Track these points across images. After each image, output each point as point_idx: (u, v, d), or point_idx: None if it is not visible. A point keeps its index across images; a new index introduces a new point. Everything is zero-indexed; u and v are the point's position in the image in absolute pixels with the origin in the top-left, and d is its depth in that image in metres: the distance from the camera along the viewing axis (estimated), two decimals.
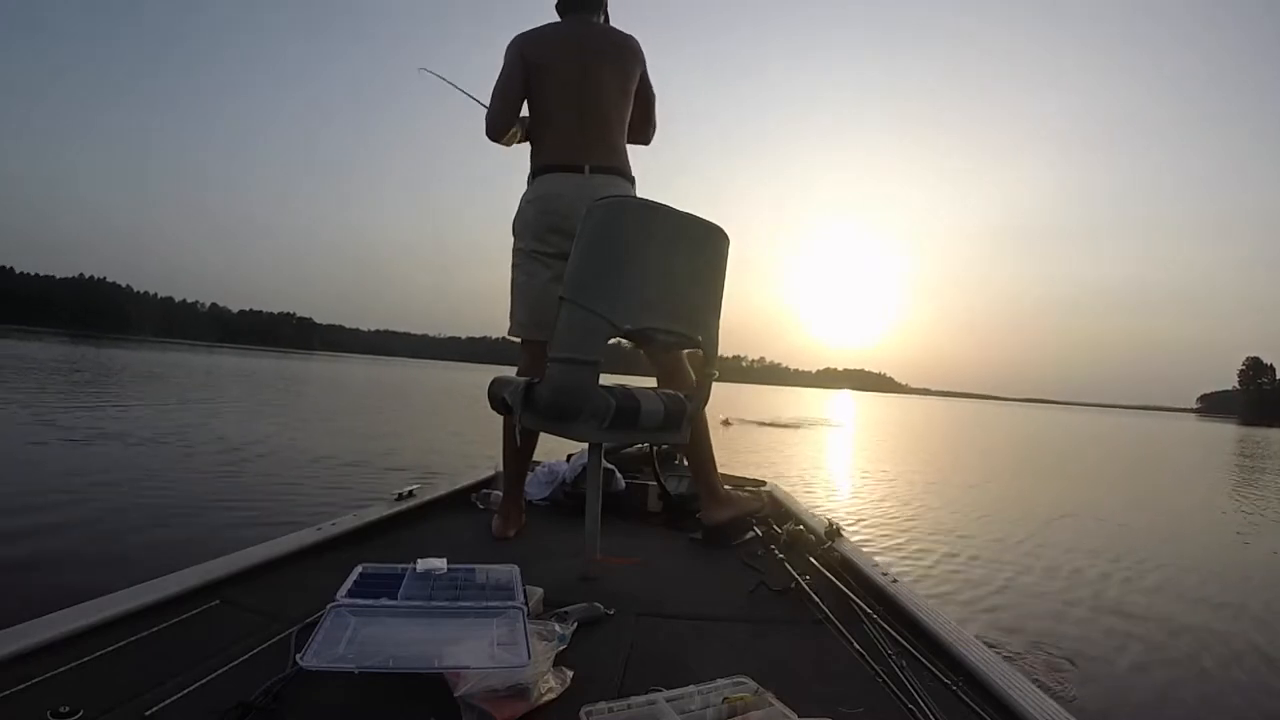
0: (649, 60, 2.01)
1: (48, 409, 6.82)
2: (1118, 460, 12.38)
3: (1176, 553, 4.12)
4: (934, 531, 4.15)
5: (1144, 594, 3.09)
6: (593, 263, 1.50)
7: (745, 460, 7.04)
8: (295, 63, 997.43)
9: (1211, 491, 8.10)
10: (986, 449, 12.85)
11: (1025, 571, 3.33)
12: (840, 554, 1.74)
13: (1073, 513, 5.34)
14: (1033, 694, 1.01)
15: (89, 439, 5.21)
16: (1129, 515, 5.53)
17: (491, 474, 2.59)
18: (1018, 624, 2.53)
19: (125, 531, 2.90)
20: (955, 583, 3.05)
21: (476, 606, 1.11)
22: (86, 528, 2.90)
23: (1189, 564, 3.82)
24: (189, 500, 3.56)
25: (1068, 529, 4.62)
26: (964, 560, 3.47)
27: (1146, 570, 3.53)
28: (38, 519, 2.94)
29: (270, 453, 5.34)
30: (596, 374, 1.50)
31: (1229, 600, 3.10)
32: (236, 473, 4.44)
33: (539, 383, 1.57)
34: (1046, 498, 6.31)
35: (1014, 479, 8.04)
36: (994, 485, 7.17)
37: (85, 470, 4.04)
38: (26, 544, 2.61)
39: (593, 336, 1.48)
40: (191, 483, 4.02)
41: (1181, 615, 2.80)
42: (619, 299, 1.50)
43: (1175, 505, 6.71)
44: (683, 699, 0.91)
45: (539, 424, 1.63)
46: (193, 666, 0.99)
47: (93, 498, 3.40)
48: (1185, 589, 3.25)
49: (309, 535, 1.61)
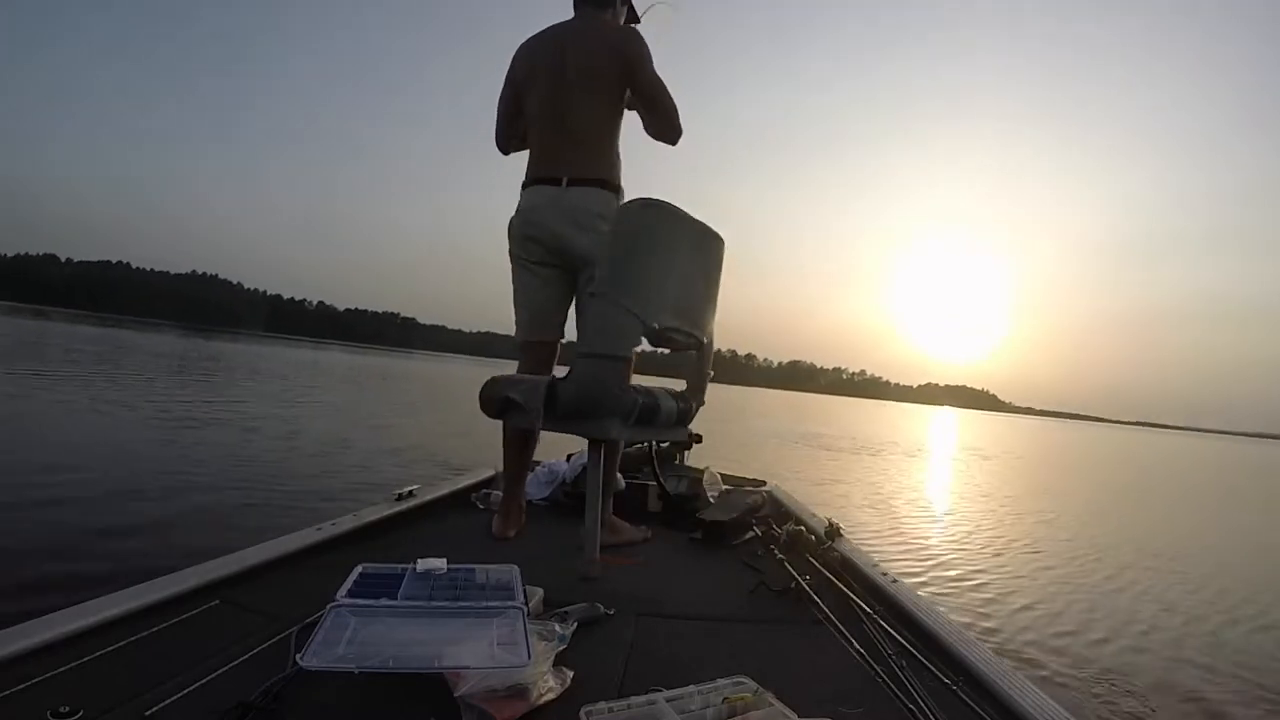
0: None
1: (161, 396, 7.68)
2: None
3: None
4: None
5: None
6: (627, 260, 1.50)
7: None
8: (445, 72, 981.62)
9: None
10: (1158, 488, 10.96)
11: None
12: (840, 554, 1.74)
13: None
14: (1033, 694, 1.01)
15: (202, 424, 5.92)
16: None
17: (491, 474, 2.59)
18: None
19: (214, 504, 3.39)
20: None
21: (476, 606, 1.11)
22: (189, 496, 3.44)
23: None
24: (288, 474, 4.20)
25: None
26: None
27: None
28: (156, 494, 3.40)
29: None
30: (629, 372, 1.51)
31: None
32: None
33: (563, 380, 1.56)
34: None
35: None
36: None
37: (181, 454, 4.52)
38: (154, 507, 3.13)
39: (625, 333, 1.49)
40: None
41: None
42: (650, 297, 1.51)
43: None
44: (683, 699, 0.91)
45: (558, 424, 1.58)
46: (193, 666, 0.99)
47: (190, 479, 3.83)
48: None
49: (309, 535, 1.61)
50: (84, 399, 6.54)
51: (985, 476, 9.42)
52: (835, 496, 5.77)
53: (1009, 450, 16.44)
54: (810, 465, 8.18)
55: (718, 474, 2.72)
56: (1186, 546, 5.28)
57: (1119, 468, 15.33)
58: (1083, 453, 20.59)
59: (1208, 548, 5.47)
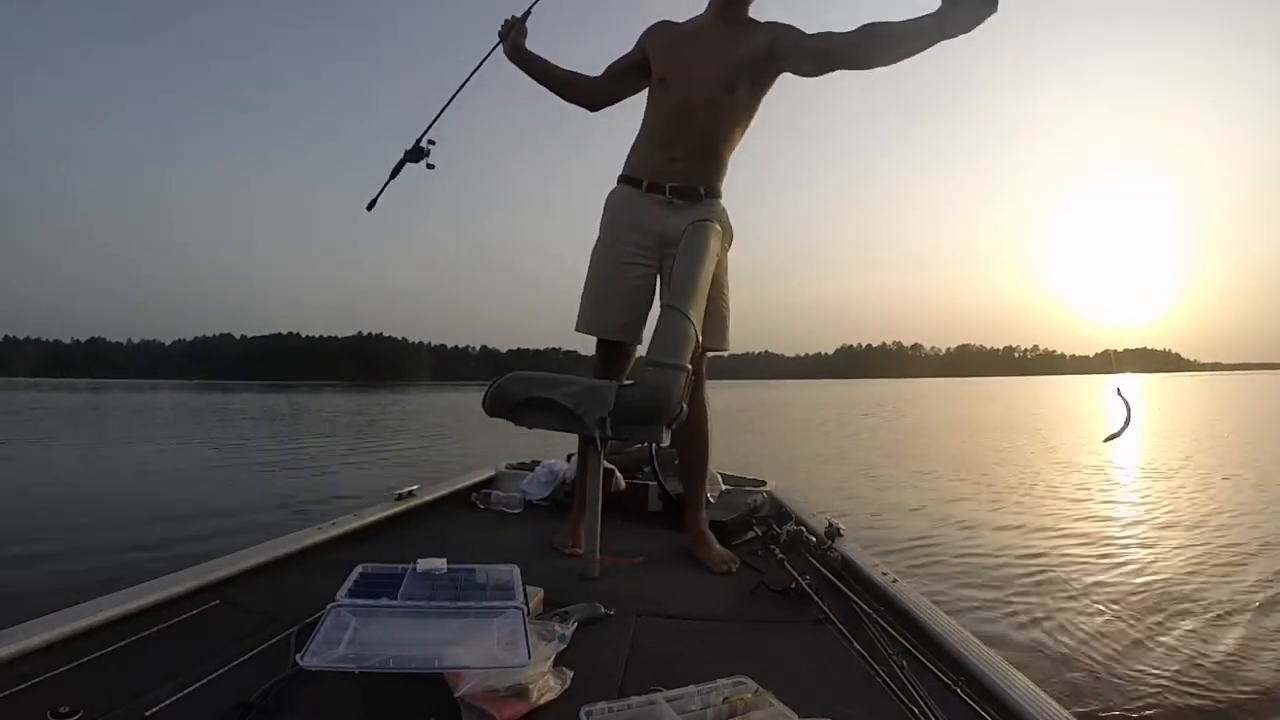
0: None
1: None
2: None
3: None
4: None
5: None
6: (694, 275, 1.61)
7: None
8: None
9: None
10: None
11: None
12: (840, 554, 1.74)
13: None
14: (1033, 694, 1.01)
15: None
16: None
17: (492, 474, 2.59)
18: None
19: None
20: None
21: (476, 606, 1.11)
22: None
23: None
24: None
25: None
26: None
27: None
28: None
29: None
30: (689, 382, 1.57)
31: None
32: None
33: (631, 387, 1.60)
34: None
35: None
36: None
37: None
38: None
39: (688, 344, 1.55)
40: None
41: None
42: (700, 310, 1.62)
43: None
44: (683, 699, 0.91)
45: (614, 429, 1.58)
46: (193, 667, 0.99)
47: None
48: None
49: (309, 535, 1.61)
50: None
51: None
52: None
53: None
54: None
55: (718, 474, 2.72)
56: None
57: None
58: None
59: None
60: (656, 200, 1.77)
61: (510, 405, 1.66)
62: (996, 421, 13.77)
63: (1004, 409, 17.90)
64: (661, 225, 1.76)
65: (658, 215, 1.77)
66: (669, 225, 1.75)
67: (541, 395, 1.61)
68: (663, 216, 1.76)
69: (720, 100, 1.73)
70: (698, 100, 1.73)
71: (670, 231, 1.75)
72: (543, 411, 1.62)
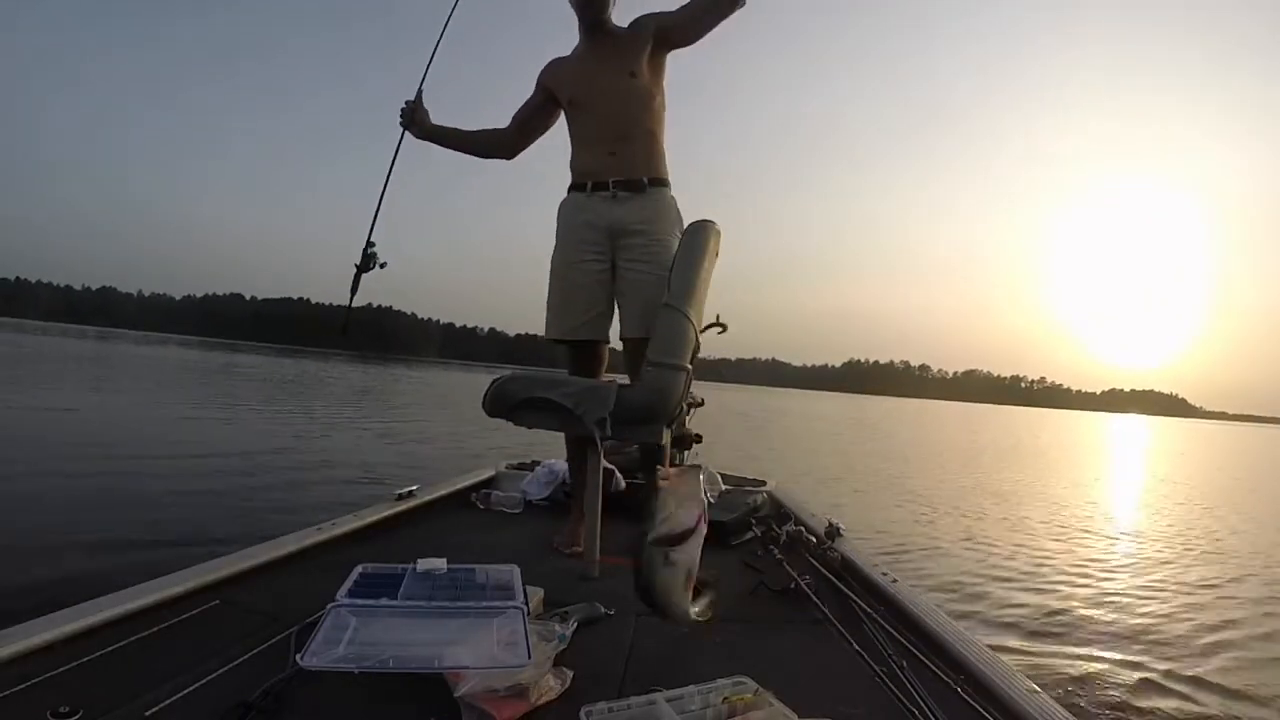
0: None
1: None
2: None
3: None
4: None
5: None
6: (693, 275, 1.60)
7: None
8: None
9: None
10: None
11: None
12: (840, 554, 1.74)
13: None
14: (1033, 694, 1.01)
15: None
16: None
17: (492, 474, 2.59)
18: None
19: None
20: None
21: (476, 606, 1.11)
22: None
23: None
24: None
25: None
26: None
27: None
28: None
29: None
30: (689, 381, 1.57)
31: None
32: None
33: (631, 387, 1.60)
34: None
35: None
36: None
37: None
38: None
39: (689, 344, 1.55)
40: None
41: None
42: (701, 311, 1.61)
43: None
44: (683, 699, 0.91)
45: (614, 429, 1.57)
46: (193, 666, 0.99)
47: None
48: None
49: (309, 535, 1.61)
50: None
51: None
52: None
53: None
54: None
55: (718, 474, 2.71)
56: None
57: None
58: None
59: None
60: (603, 197, 1.84)
61: (510, 405, 1.65)
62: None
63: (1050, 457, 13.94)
64: (610, 219, 1.84)
65: (604, 211, 1.84)
66: (616, 218, 1.83)
67: (541, 395, 1.60)
68: (610, 210, 1.84)
69: (625, 85, 1.83)
70: (608, 94, 1.84)
71: (619, 223, 1.82)
72: (542, 412, 1.62)
